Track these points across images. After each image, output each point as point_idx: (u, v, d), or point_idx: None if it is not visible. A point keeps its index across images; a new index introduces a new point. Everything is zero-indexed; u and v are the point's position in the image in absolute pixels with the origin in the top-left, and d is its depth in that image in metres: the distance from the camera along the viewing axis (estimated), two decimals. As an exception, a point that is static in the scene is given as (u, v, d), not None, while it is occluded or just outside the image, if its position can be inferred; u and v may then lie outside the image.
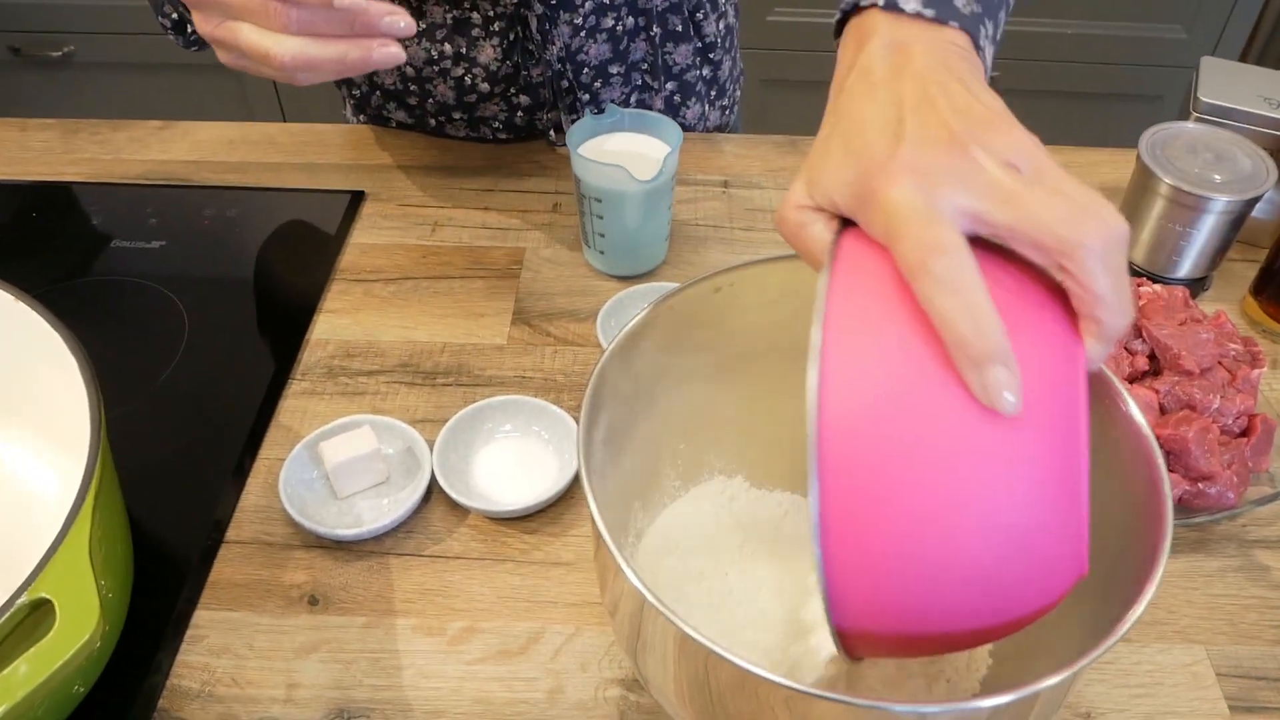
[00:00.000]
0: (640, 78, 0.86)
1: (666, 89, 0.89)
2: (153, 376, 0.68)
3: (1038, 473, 0.34)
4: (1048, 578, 0.36)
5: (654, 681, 0.43)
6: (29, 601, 0.42)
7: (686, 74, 0.89)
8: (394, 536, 0.59)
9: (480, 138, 0.89)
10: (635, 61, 0.85)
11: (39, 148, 0.88)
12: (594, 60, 0.83)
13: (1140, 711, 0.52)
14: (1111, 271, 0.35)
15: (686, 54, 0.88)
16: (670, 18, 0.85)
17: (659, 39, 0.85)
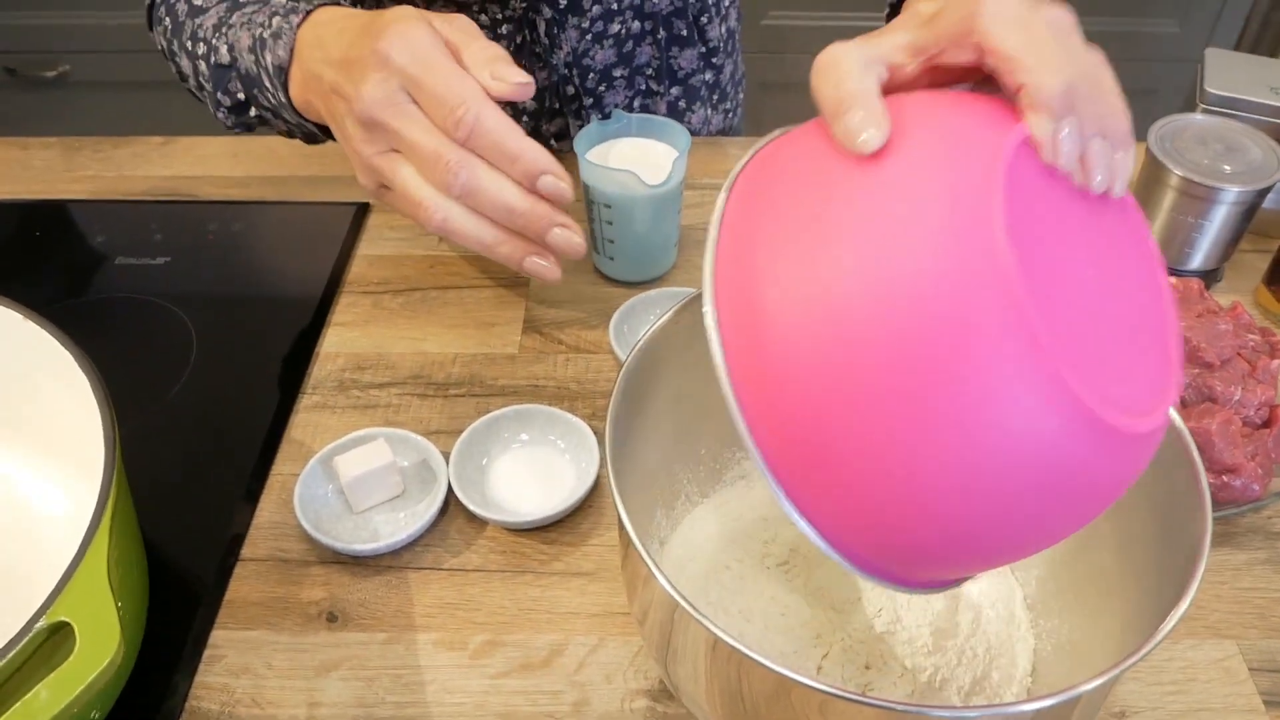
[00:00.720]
0: (645, 82, 0.86)
1: (671, 94, 0.88)
2: (161, 393, 0.67)
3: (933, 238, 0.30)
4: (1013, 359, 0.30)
5: (685, 690, 0.42)
6: (48, 625, 0.41)
7: (691, 78, 0.89)
8: (411, 550, 0.58)
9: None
10: (640, 66, 0.85)
11: (40, 166, 0.87)
12: (600, 65, 0.82)
13: (1174, 709, 0.52)
14: (1022, 29, 0.34)
15: (692, 58, 0.87)
16: (675, 21, 0.85)
17: (664, 43, 0.84)
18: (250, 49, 0.65)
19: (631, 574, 0.42)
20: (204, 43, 0.69)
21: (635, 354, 0.45)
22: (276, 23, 0.63)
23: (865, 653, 0.46)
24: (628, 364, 0.44)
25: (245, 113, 0.69)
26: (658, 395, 0.48)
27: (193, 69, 0.71)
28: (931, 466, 0.30)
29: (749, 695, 0.38)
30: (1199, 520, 0.39)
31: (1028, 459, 0.30)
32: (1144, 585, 0.43)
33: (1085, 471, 0.31)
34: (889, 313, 0.30)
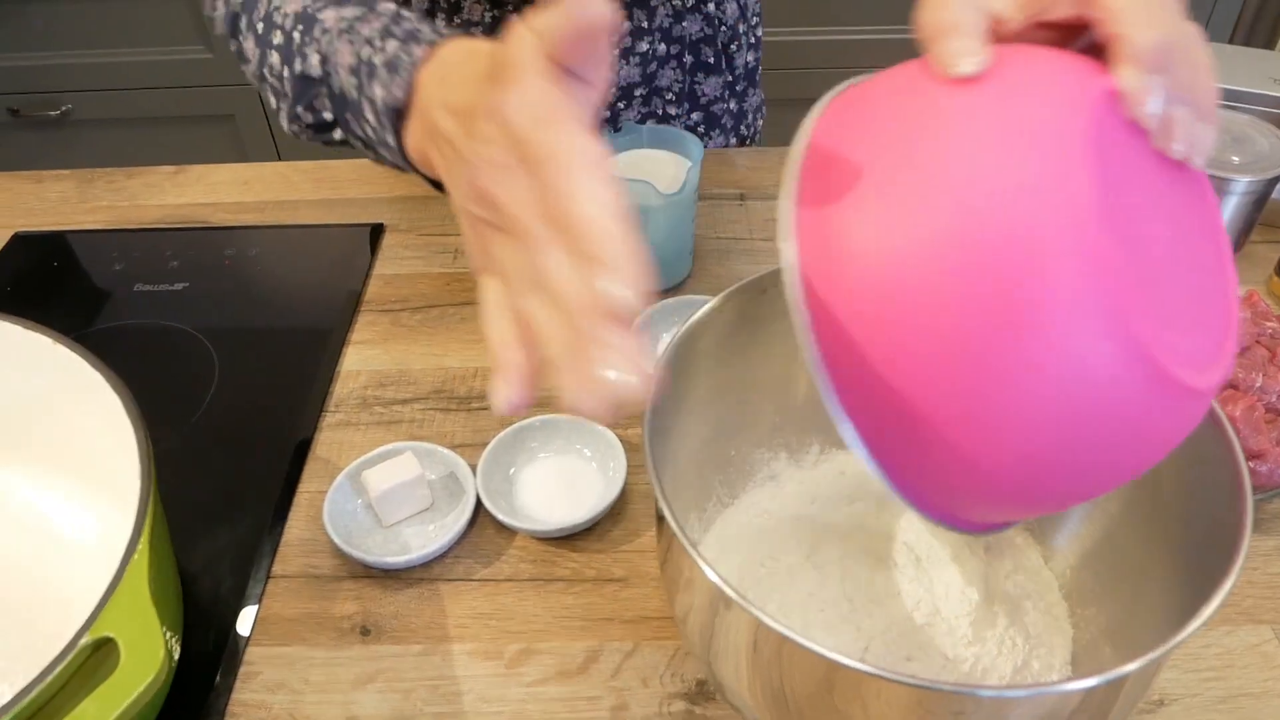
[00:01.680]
0: (663, 105, 0.86)
1: (691, 118, 0.89)
2: (185, 417, 0.67)
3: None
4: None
5: (728, 685, 0.42)
6: (91, 641, 0.41)
7: (714, 105, 0.89)
8: (442, 562, 0.58)
9: None
10: (660, 88, 0.85)
11: (55, 198, 0.88)
12: (622, 81, 0.83)
13: (1213, 695, 0.52)
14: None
15: (716, 86, 0.88)
16: (704, 48, 0.85)
17: (690, 68, 0.85)
18: (352, 70, 0.54)
19: (673, 572, 0.42)
20: (281, 32, 0.58)
21: (663, 359, 0.45)
22: (392, 49, 0.51)
23: (906, 645, 0.46)
24: (661, 365, 0.44)
25: (328, 133, 0.60)
26: (687, 400, 0.49)
27: (259, 57, 0.60)
28: (999, 401, 0.31)
29: (794, 685, 0.38)
30: (1238, 501, 0.39)
31: (1090, 399, 0.30)
32: (1179, 572, 0.43)
33: (1140, 417, 0.31)
34: (969, 242, 0.30)
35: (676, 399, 0.47)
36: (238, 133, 1.93)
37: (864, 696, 0.36)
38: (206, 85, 1.86)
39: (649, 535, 0.59)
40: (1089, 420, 0.31)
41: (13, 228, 0.85)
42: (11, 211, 0.87)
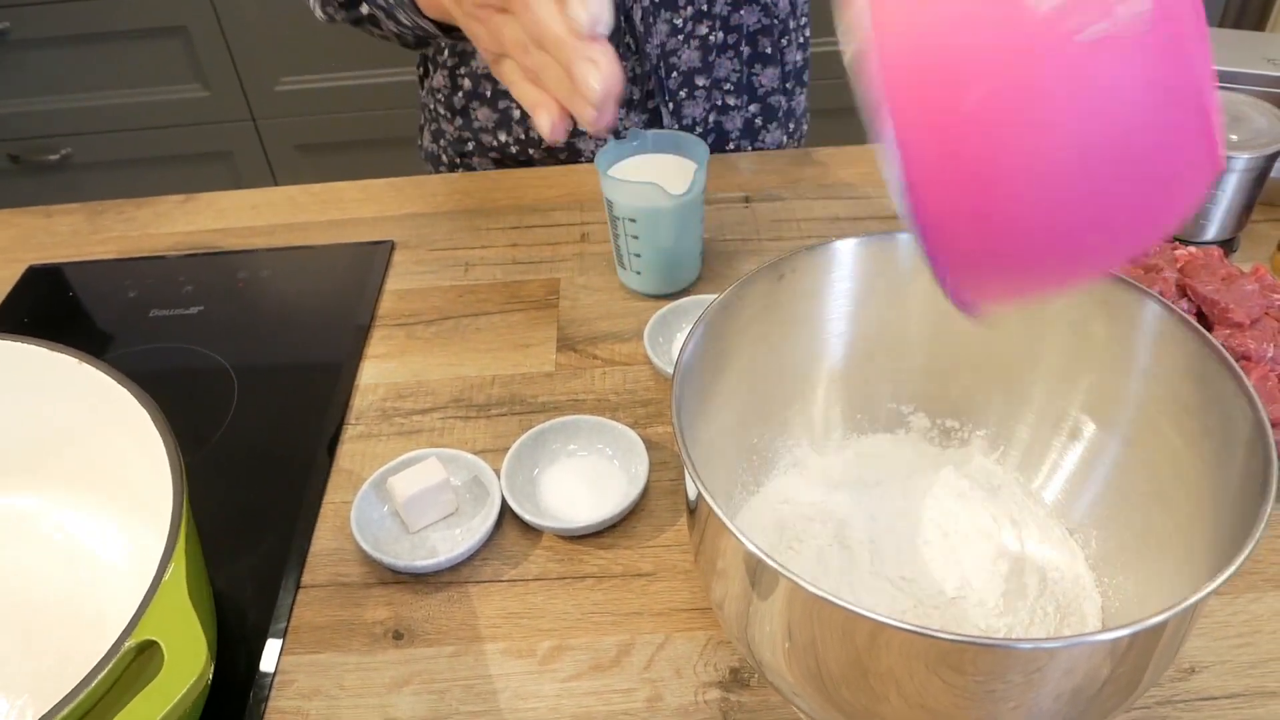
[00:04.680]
0: (721, 97, 0.87)
1: (750, 110, 0.90)
2: (208, 435, 0.68)
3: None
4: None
5: (766, 662, 0.42)
6: (135, 645, 0.42)
7: (770, 97, 0.91)
8: (470, 565, 0.59)
9: (553, 145, 0.89)
10: (719, 79, 0.87)
11: (66, 231, 0.89)
12: (685, 65, 0.84)
13: (1243, 661, 0.52)
14: None
15: (773, 77, 0.89)
16: (761, 39, 0.87)
17: (748, 59, 0.86)
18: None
19: (709, 554, 0.43)
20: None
21: (691, 343, 0.46)
22: None
23: (939, 618, 0.47)
24: (681, 361, 0.45)
25: (355, 9, 0.70)
26: (714, 386, 0.49)
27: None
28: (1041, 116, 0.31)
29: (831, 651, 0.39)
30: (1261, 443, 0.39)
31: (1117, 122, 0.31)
32: (1205, 535, 0.43)
33: (1161, 143, 0.32)
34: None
35: (699, 389, 0.48)
36: (236, 169, 1.95)
37: (901, 657, 0.37)
38: (204, 123, 1.88)
39: (674, 530, 0.60)
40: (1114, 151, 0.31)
41: (26, 261, 0.86)
42: (24, 246, 0.88)
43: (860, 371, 0.55)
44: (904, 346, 0.55)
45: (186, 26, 1.76)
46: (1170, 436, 0.47)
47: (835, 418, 0.56)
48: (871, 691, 0.39)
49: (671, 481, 0.63)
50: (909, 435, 0.57)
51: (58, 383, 0.56)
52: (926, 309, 0.53)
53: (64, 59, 1.81)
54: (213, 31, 1.76)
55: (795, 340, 0.53)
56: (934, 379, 0.56)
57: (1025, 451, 0.55)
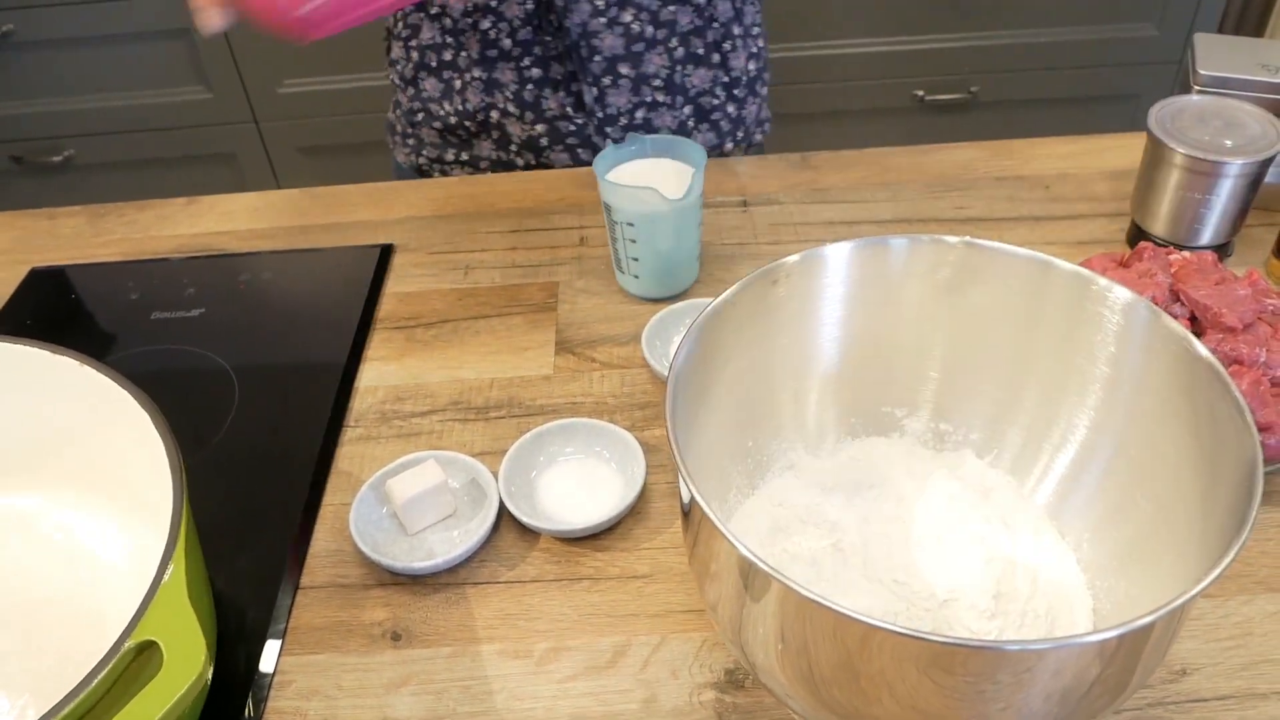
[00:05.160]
0: (651, 94, 0.89)
1: (683, 111, 0.91)
2: (209, 437, 0.69)
3: None
4: None
5: (760, 664, 0.43)
6: (134, 645, 0.42)
7: (703, 99, 0.91)
8: (468, 566, 0.59)
9: (486, 119, 0.91)
10: (647, 75, 0.88)
11: (69, 234, 0.89)
12: (607, 51, 0.86)
13: (1235, 663, 0.52)
14: None
15: (705, 79, 0.90)
16: (694, 40, 0.88)
17: (681, 59, 0.87)
18: None
19: (703, 556, 0.43)
20: None
21: (683, 349, 0.46)
22: None
23: (930, 620, 0.47)
24: (675, 366, 0.46)
25: None
26: (709, 389, 0.50)
27: None
28: None
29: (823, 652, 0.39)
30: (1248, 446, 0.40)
31: None
32: (1194, 537, 0.44)
33: None
34: None
35: (694, 392, 0.48)
36: (239, 171, 1.95)
37: (890, 659, 0.37)
38: (207, 125, 1.88)
39: (670, 532, 0.60)
40: None
41: (29, 263, 0.86)
42: (27, 248, 0.88)
43: (853, 375, 0.56)
44: (897, 350, 0.55)
45: (189, 29, 1.76)
46: (1160, 441, 0.47)
47: (829, 421, 0.57)
48: (863, 693, 0.40)
49: (668, 484, 0.63)
50: (903, 438, 0.58)
51: (60, 384, 0.57)
52: (919, 313, 0.54)
53: (67, 60, 1.81)
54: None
55: (789, 344, 0.53)
56: (927, 382, 0.56)
57: (1017, 455, 0.55)
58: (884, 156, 0.92)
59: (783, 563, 0.50)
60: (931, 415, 0.57)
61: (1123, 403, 0.49)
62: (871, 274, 0.52)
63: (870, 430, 0.58)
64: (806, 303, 0.52)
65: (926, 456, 0.57)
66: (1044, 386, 0.53)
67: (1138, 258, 0.67)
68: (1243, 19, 1.75)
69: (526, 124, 0.91)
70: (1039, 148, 0.91)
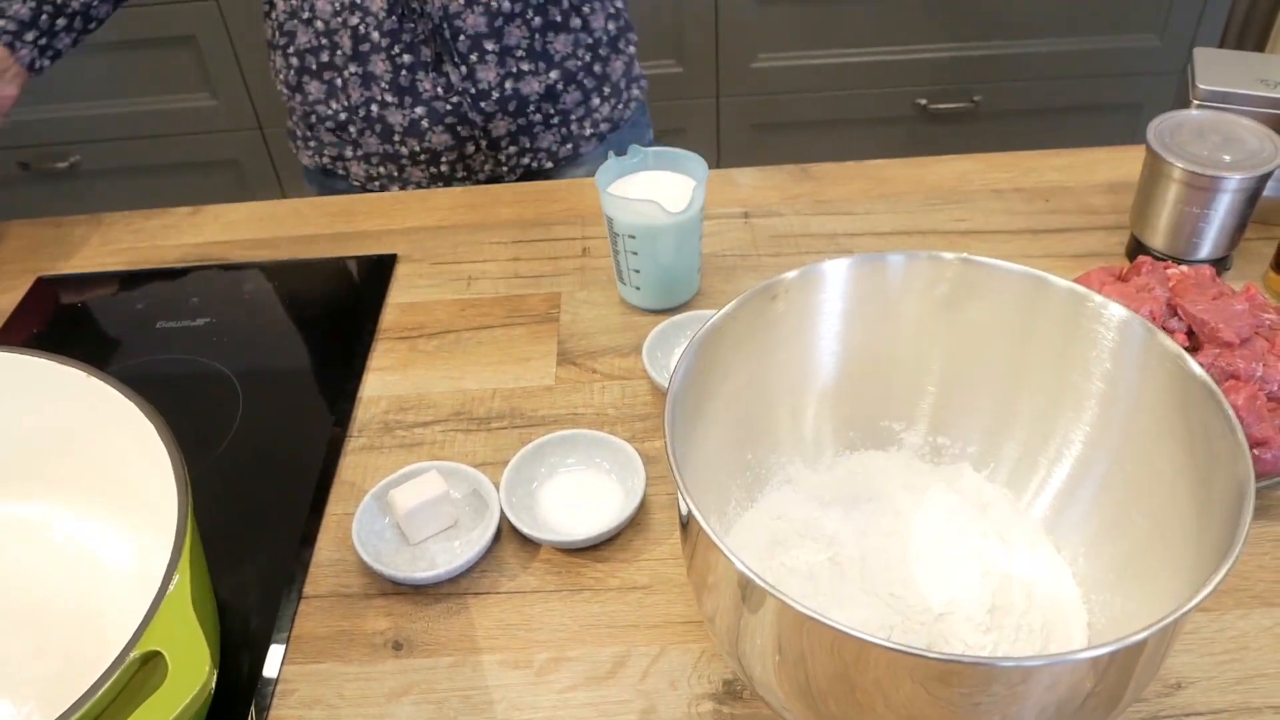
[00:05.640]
0: (516, 64, 0.92)
1: (549, 76, 0.95)
2: (212, 448, 0.69)
3: None
4: None
5: (757, 677, 0.43)
6: (140, 655, 0.43)
7: (567, 61, 0.95)
8: (469, 577, 0.60)
9: (368, 113, 0.94)
10: (511, 46, 0.91)
11: (76, 243, 0.90)
12: (470, 30, 0.89)
13: (1230, 677, 0.53)
14: None
15: (567, 43, 0.94)
16: (550, 8, 0.92)
17: (540, 28, 0.91)
18: None
19: (701, 569, 0.44)
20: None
21: (685, 360, 0.47)
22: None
23: (926, 634, 0.47)
24: (679, 370, 0.46)
25: None
26: (708, 403, 0.50)
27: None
28: None
29: (819, 667, 0.39)
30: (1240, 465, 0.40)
31: None
32: (1189, 553, 0.44)
33: None
34: None
35: (693, 406, 0.49)
36: (244, 177, 1.96)
37: (885, 673, 0.37)
38: (211, 131, 1.89)
39: (670, 543, 0.61)
40: None
41: (36, 272, 0.87)
42: (34, 257, 0.89)
43: (851, 389, 0.56)
44: (894, 365, 0.56)
45: (195, 36, 1.77)
46: (1155, 457, 0.48)
47: (827, 435, 0.57)
48: (859, 705, 0.40)
49: (668, 495, 0.64)
50: (901, 452, 0.58)
51: (67, 394, 0.57)
52: (917, 328, 0.54)
53: (73, 67, 1.82)
54: (221, 41, 1.78)
55: (787, 359, 0.54)
56: (924, 397, 0.57)
57: (1014, 469, 0.56)
58: (883, 168, 0.92)
59: (780, 576, 0.51)
60: (929, 429, 0.58)
61: (1118, 419, 0.50)
62: (869, 290, 0.52)
63: (868, 444, 0.59)
64: (805, 318, 0.52)
65: (924, 470, 0.57)
66: (1040, 401, 0.54)
67: (1136, 272, 0.68)
68: (1245, 30, 1.76)
69: (406, 109, 0.94)
70: (1038, 160, 0.92)
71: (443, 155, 0.97)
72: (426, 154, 0.97)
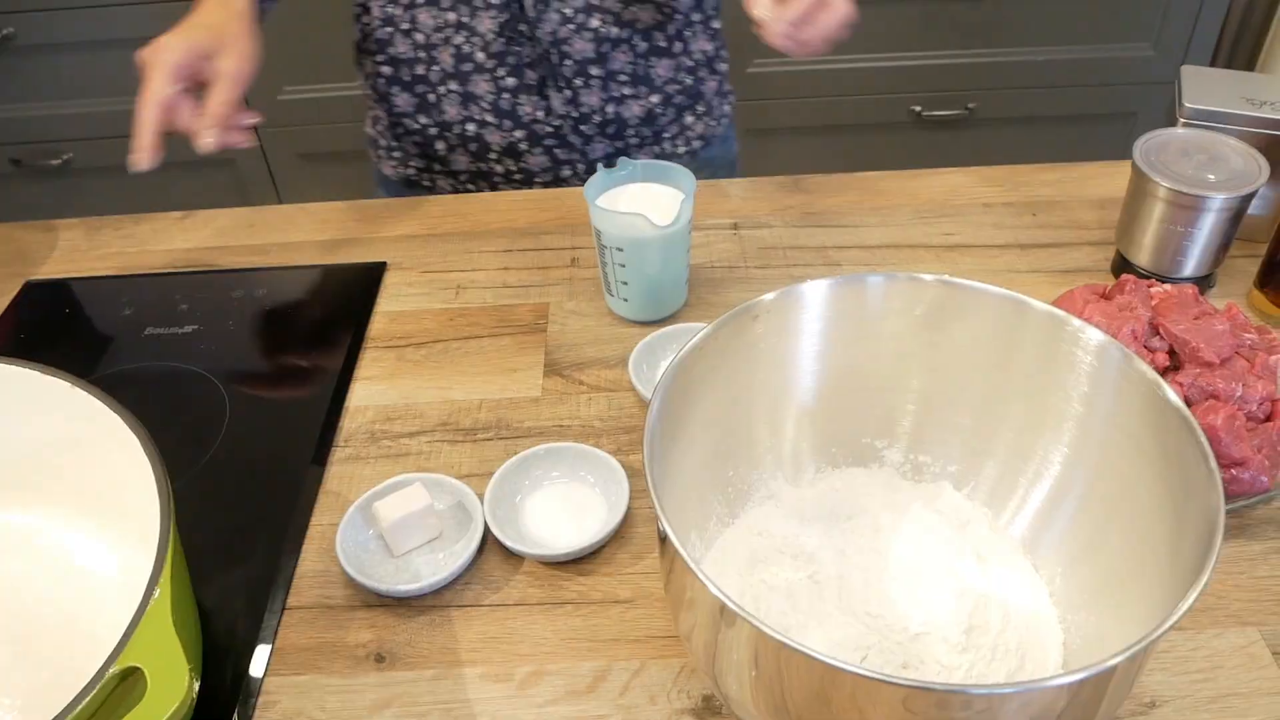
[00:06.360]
0: (618, 89, 0.92)
1: (650, 100, 0.94)
2: (198, 455, 0.69)
3: None
4: None
5: (732, 695, 0.44)
6: (119, 671, 0.43)
7: (667, 85, 0.95)
8: (452, 589, 0.60)
9: (464, 131, 0.94)
10: (615, 71, 0.91)
11: (65, 246, 0.90)
12: (577, 55, 0.89)
13: (1203, 696, 0.53)
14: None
15: (669, 68, 0.94)
16: (655, 34, 0.91)
17: (643, 51, 0.91)
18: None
19: (677, 590, 0.44)
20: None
21: (665, 381, 0.47)
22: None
23: (902, 654, 0.48)
24: (659, 390, 0.46)
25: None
26: (688, 422, 0.51)
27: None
28: None
29: (795, 692, 0.40)
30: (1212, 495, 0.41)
31: None
32: (1162, 576, 0.45)
33: None
34: None
35: (675, 423, 0.49)
36: (239, 176, 1.96)
37: (861, 700, 0.38)
38: (206, 131, 1.89)
39: (652, 557, 0.61)
40: None
41: (25, 276, 0.87)
42: (24, 260, 0.89)
43: (832, 408, 0.57)
44: (874, 383, 0.56)
45: (190, 36, 1.77)
46: (1131, 480, 0.48)
47: (806, 452, 0.58)
48: (834, 723, 0.40)
49: (652, 509, 0.64)
50: (883, 469, 0.59)
51: (52, 405, 0.57)
52: (896, 348, 0.55)
53: (67, 64, 1.82)
54: (216, 41, 1.78)
55: (767, 378, 0.54)
56: (904, 415, 0.57)
57: (993, 488, 0.56)
58: (874, 180, 0.92)
59: (760, 593, 0.51)
60: (909, 447, 0.58)
61: (1095, 441, 0.50)
62: (849, 310, 0.53)
63: (851, 461, 0.59)
64: (784, 338, 0.53)
65: (905, 488, 0.58)
66: (1019, 422, 0.54)
67: (1119, 290, 0.68)
68: (1238, 41, 1.76)
69: (505, 131, 0.93)
70: (1029, 174, 0.92)
71: (537, 176, 0.97)
72: (521, 174, 0.97)
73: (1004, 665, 0.48)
